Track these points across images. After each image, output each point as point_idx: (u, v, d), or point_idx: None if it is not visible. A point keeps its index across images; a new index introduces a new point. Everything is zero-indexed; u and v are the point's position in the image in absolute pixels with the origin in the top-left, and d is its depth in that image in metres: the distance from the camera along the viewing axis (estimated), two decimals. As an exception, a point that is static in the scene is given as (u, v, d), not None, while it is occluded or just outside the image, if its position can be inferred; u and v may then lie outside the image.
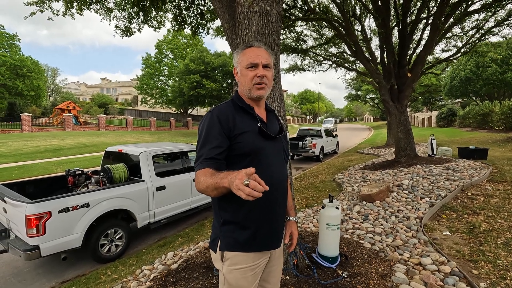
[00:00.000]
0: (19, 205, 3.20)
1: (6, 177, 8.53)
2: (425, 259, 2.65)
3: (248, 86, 1.23)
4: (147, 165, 4.39)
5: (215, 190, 1.00)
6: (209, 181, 1.01)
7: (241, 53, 1.25)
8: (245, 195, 0.83)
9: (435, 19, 6.78)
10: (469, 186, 5.11)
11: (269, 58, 1.25)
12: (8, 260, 3.86)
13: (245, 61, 1.22)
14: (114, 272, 3.32)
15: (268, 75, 1.23)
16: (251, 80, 1.21)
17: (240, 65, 1.24)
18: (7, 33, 28.49)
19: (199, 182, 1.07)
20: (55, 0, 5.58)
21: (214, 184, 0.98)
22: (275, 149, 1.27)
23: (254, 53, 1.22)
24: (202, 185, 1.05)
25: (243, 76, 1.24)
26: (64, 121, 24.15)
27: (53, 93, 48.26)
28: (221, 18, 2.62)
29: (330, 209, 2.60)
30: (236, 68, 1.28)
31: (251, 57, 1.21)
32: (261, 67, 1.21)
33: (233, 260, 1.18)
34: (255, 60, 1.20)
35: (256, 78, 1.20)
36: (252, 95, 1.24)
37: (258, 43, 1.27)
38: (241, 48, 1.27)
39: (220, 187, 0.96)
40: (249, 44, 1.26)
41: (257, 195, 0.82)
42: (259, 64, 1.20)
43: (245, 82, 1.23)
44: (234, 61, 1.30)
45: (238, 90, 1.31)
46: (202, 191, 1.06)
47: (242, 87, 1.26)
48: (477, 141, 13.12)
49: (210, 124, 1.17)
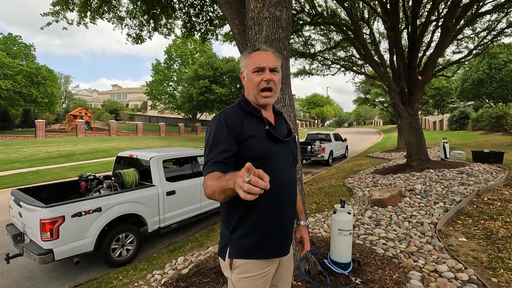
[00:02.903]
0: (33, 209, 3.26)
1: (21, 182, 8.75)
2: (441, 266, 2.57)
3: (254, 92, 1.20)
4: (158, 170, 4.43)
5: (222, 193, 0.94)
6: (216, 185, 0.96)
7: (248, 57, 1.22)
8: (243, 192, 0.74)
9: (445, 21, 6.69)
10: (485, 190, 4.97)
11: (277, 61, 1.22)
12: (23, 264, 3.93)
13: (252, 65, 1.19)
14: (126, 277, 3.35)
15: (275, 79, 1.20)
16: (257, 85, 1.18)
17: (247, 69, 1.22)
18: (24, 43, 29.53)
19: (206, 187, 1.03)
20: (70, 10, 5.78)
21: (221, 187, 0.94)
22: (283, 153, 1.24)
23: (261, 56, 1.19)
24: (209, 189, 1.00)
25: (249, 80, 1.21)
26: (77, 127, 24.74)
27: (66, 100, 49.51)
28: (231, 24, 2.64)
29: (342, 214, 2.56)
30: (243, 72, 1.25)
31: (257, 60, 1.18)
32: (268, 71, 1.18)
33: (242, 268, 1.15)
34: (262, 64, 1.17)
35: (263, 82, 1.18)
36: (258, 102, 1.21)
37: (266, 46, 1.24)
38: (248, 52, 1.24)
39: (226, 189, 0.91)
40: (256, 48, 1.23)
41: (257, 191, 0.74)
42: (265, 68, 1.18)
43: (251, 87, 1.21)
44: (241, 65, 1.27)
45: (244, 94, 1.29)
46: (210, 196, 1.01)
47: (248, 92, 1.24)
48: (491, 144, 12.77)
49: (218, 128, 1.14)
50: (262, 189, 0.74)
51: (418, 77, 7.38)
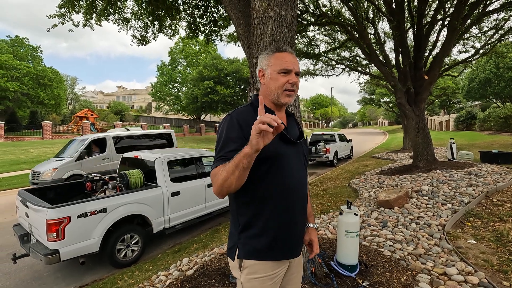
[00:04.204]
0: (40, 210, 3.29)
1: (28, 183, 8.84)
2: (450, 269, 2.52)
3: (278, 92, 1.19)
4: (162, 171, 4.43)
5: (236, 169, 0.95)
6: (229, 165, 0.97)
7: (273, 56, 1.21)
8: (265, 125, 0.86)
9: (452, 19, 6.60)
10: (494, 192, 4.88)
11: (299, 65, 1.24)
12: (30, 264, 3.96)
13: (278, 66, 1.19)
14: (131, 277, 3.35)
15: (298, 83, 1.22)
16: (282, 86, 1.18)
17: (271, 69, 1.20)
18: (31, 45, 29.98)
19: (216, 174, 1.02)
20: (76, 12, 5.83)
21: (234, 163, 0.95)
22: (295, 154, 1.23)
23: (289, 59, 1.19)
24: (220, 175, 1.00)
25: (273, 80, 1.20)
26: (82, 128, 24.97)
27: (72, 101, 50.08)
28: (236, 24, 2.63)
29: (348, 215, 2.53)
30: (265, 70, 1.23)
31: (285, 62, 1.18)
32: (294, 74, 1.19)
33: (251, 268, 1.15)
34: (290, 67, 1.18)
35: (288, 84, 1.18)
36: (280, 101, 1.21)
37: (291, 49, 1.24)
38: (273, 51, 1.23)
39: (240, 159, 0.93)
40: (283, 49, 1.22)
41: (272, 123, 0.86)
42: (292, 71, 1.18)
43: (275, 87, 1.20)
44: (261, 63, 1.25)
45: (258, 94, 1.27)
46: (222, 185, 1.00)
47: (269, 91, 1.22)
48: (499, 144, 12.57)
49: (230, 127, 1.14)
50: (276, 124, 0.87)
51: (424, 77, 7.29)
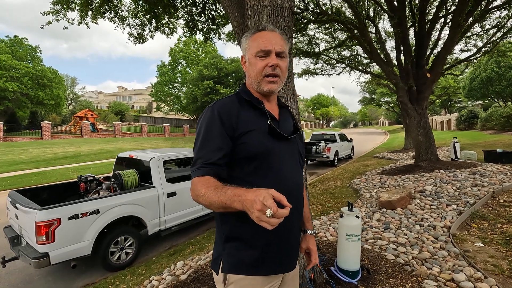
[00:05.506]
0: (29, 211, 3.16)
1: (25, 183, 8.73)
2: (458, 275, 2.38)
3: (257, 79, 1.02)
4: (158, 171, 4.30)
5: (223, 209, 0.82)
6: (213, 198, 0.82)
7: (251, 38, 1.03)
8: (271, 227, 0.69)
9: (455, 16, 6.47)
10: (500, 192, 4.73)
11: (284, 44, 1.03)
12: (21, 267, 3.83)
13: (255, 48, 1.00)
14: (122, 282, 3.22)
15: (282, 65, 1.01)
16: (260, 71, 1.00)
17: (249, 52, 1.03)
18: (30, 45, 29.90)
19: (199, 195, 0.88)
20: (71, 10, 5.71)
21: (220, 203, 0.80)
22: (288, 152, 1.06)
23: (267, 37, 1.00)
24: (203, 199, 0.86)
25: (251, 65, 1.03)
26: (82, 128, 24.90)
27: (72, 102, 50.02)
28: (231, 17, 2.50)
29: (349, 218, 2.39)
30: (244, 56, 1.07)
31: (262, 42, 0.99)
32: (274, 55, 0.99)
33: (238, 284, 0.98)
34: (267, 47, 0.98)
35: (268, 68, 0.99)
36: (262, 89, 1.03)
37: (272, 26, 1.04)
38: (251, 32, 1.05)
39: (229, 208, 0.79)
40: (261, 27, 1.03)
41: (277, 223, 0.69)
42: (271, 51, 0.98)
43: (253, 73, 1.02)
44: (241, 48, 1.09)
45: (245, 82, 1.11)
46: (205, 206, 0.88)
47: (250, 79, 1.05)
48: (502, 144, 12.40)
49: (210, 121, 0.98)
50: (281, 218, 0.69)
51: (427, 75, 7.15)
